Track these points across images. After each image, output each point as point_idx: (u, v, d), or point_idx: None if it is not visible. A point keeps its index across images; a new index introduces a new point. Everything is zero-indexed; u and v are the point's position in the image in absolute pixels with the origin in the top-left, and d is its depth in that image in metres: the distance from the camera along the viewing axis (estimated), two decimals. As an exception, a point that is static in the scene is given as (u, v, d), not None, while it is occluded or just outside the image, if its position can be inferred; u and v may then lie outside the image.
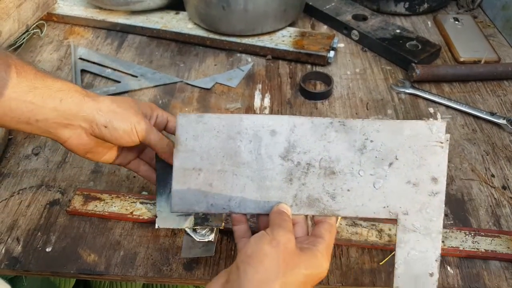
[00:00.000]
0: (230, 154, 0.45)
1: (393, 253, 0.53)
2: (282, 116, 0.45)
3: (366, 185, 0.44)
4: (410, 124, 0.43)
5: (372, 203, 0.44)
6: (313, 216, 0.45)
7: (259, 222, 0.46)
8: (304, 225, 0.44)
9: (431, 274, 0.43)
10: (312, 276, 0.39)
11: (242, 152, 0.44)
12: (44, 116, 0.46)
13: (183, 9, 0.95)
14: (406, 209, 0.43)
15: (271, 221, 0.42)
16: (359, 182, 0.44)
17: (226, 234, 0.56)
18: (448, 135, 0.43)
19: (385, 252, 0.54)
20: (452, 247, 0.54)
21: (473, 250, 0.53)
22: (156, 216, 0.53)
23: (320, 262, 0.40)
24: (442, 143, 0.43)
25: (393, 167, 0.43)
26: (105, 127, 0.47)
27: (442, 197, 0.43)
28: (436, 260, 0.43)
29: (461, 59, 0.85)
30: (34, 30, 0.94)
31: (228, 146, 0.45)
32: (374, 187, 0.44)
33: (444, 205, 0.44)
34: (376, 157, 0.43)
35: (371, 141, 0.44)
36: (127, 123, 0.48)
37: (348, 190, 0.44)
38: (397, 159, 0.43)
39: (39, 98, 0.45)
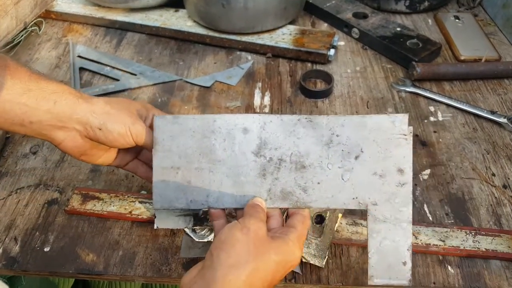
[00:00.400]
0: (205, 152, 0.47)
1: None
2: (253, 114, 0.47)
3: (335, 178, 0.46)
4: (373, 118, 0.45)
5: (342, 195, 0.45)
6: (287, 209, 0.47)
7: (237, 216, 0.48)
8: (279, 217, 0.46)
9: (404, 263, 0.45)
10: (283, 263, 0.41)
11: (217, 150, 0.47)
12: (38, 118, 0.45)
13: (183, 7, 0.94)
14: (375, 199, 0.45)
15: (244, 213, 0.44)
16: (328, 175, 0.46)
17: (226, 234, 0.56)
18: (411, 127, 0.45)
19: (385, 251, 0.54)
20: (452, 246, 0.53)
21: (473, 249, 0.53)
22: (155, 216, 0.53)
23: (291, 249, 0.41)
24: (405, 135, 0.45)
25: (359, 159, 0.45)
26: (99, 129, 0.47)
27: (409, 187, 0.45)
28: (407, 250, 0.45)
29: (462, 58, 0.85)
30: (32, 28, 0.93)
31: (204, 144, 0.47)
32: (343, 179, 0.45)
33: (411, 195, 0.45)
34: (342, 150, 0.45)
35: (337, 135, 0.46)
36: (121, 125, 0.47)
37: (319, 183, 0.46)
38: (362, 152, 0.45)
39: (33, 100, 0.45)
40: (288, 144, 0.46)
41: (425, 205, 0.60)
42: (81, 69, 0.84)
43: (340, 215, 0.52)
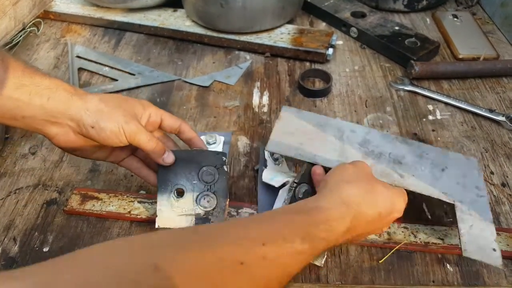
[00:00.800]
0: (318, 134, 0.58)
1: (392, 251, 0.53)
2: (359, 124, 0.61)
3: (427, 176, 0.55)
4: (451, 154, 0.58)
5: (434, 188, 0.53)
6: None
7: None
8: None
9: (494, 249, 0.49)
10: (390, 200, 0.45)
11: (328, 135, 0.58)
12: (31, 113, 0.45)
13: (181, 7, 0.94)
14: (460, 199, 0.53)
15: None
16: (421, 173, 0.55)
17: (225, 233, 0.56)
18: (480, 168, 0.57)
19: (384, 250, 0.54)
20: (451, 244, 0.53)
21: (472, 247, 0.54)
22: (156, 215, 0.53)
23: (397, 193, 0.46)
24: (477, 170, 0.56)
25: (445, 172, 0.55)
26: (92, 127, 0.47)
27: (486, 199, 0.53)
28: (494, 240, 0.50)
29: (460, 56, 0.85)
30: (31, 28, 0.93)
31: (317, 130, 0.59)
32: (434, 178, 0.54)
33: (489, 206, 0.52)
34: (431, 162, 0.56)
35: (426, 153, 0.57)
36: (114, 123, 0.47)
37: (413, 175, 0.54)
38: (447, 168, 0.56)
39: (26, 96, 0.44)
40: (387, 146, 0.57)
41: (424, 204, 0.60)
42: (80, 69, 0.84)
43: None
